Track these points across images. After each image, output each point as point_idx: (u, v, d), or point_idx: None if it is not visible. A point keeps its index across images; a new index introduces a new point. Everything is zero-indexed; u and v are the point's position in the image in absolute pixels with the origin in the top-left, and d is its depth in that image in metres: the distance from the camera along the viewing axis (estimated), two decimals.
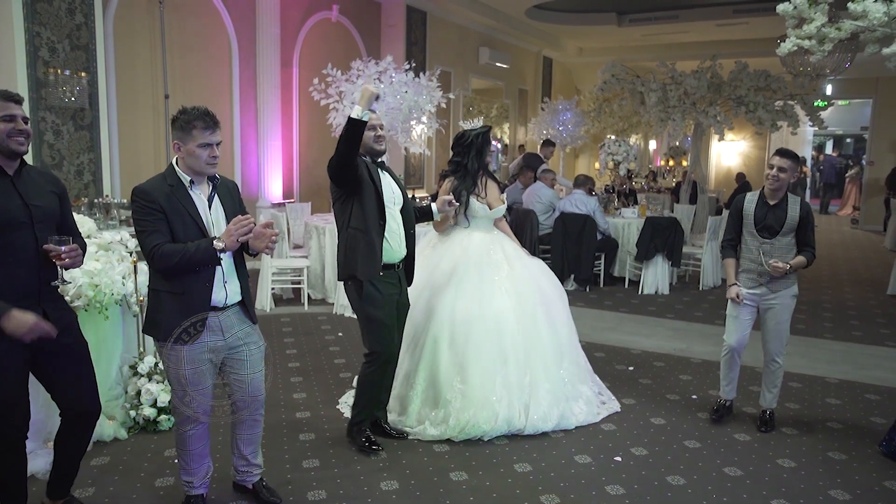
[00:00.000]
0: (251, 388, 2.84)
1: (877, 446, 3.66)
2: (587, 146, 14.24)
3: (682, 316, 6.56)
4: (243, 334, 2.78)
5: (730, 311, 3.94)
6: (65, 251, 2.43)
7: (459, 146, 3.93)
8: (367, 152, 3.39)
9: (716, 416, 4.01)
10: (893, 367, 5.03)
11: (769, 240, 3.74)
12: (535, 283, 3.98)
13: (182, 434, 2.82)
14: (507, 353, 3.72)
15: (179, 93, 7.00)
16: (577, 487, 3.21)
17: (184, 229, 2.58)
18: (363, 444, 3.50)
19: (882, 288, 7.92)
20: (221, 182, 2.78)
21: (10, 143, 2.41)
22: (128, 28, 6.54)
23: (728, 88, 9.44)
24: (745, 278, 3.84)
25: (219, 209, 2.72)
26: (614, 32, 12.81)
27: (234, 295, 2.73)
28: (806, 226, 3.74)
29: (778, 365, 3.86)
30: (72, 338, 2.64)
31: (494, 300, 3.78)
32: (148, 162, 6.88)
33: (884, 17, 4.23)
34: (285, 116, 8.41)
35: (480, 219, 3.95)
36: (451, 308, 3.75)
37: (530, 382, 3.76)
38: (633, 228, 7.85)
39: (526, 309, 3.84)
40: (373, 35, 9.81)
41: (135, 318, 3.74)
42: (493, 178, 4.03)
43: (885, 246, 11.59)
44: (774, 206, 3.74)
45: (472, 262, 3.85)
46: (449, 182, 3.94)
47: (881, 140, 14.38)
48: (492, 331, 3.72)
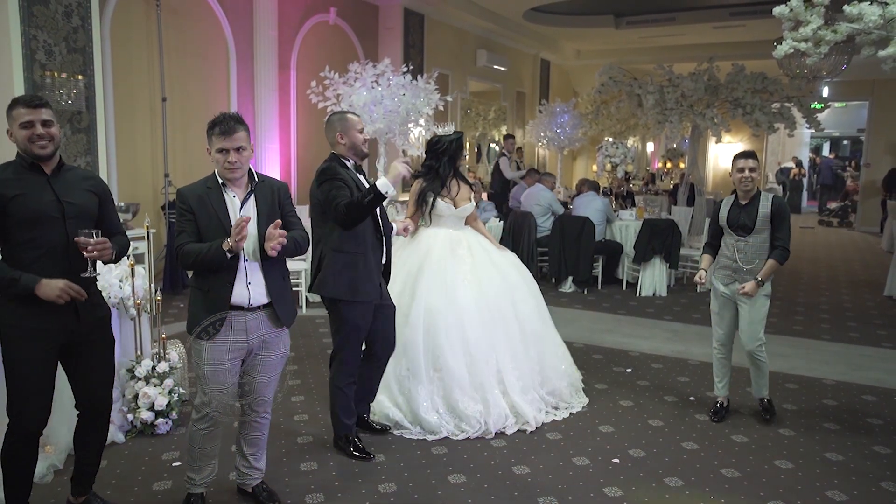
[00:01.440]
0: (259, 390, 2.86)
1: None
2: (585, 148, 14.26)
3: (680, 318, 6.57)
4: (269, 338, 2.80)
5: (712, 306, 4.11)
6: (92, 243, 2.47)
7: (434, 151, 4.07)
8: (356, 156, 3.42)
9: (716, 417, 4.05)
10: (890, 368, 5.04)
11: (744, 237, 3.89)
12: (501, 275, 4.11)
13: (195, 431, 2.83)
14: (470, 344, 3.83)
15: (177, 96, 6.99)
16: (574, 489, 3.21)
17: (210, 229, 2.66)
18: (352, 453, 3.49)
19: (879, 289, 7.94)
20: (264, 183, 2.81)
21: (33, 148, 2.50)
22: (125, 31, 6.54)
23: (725, 90, 9.45)
24: (722, 275, 3.99)
25: (251, 210, 2.74)
26: (611, 35, 12.83)
27: (260, 297, 2.74)
28: (781, 221, 3.84)
29: (761, 360, 3.98)
30: (101, 333, 2.72)
31: (458, 292, 3.90)
32: (146, 165, 6.88)
33: (879, 19, 4.25)
34: (283, 119, 8.42)
35: (447, 217, 4.09)
36: (424, 303, 3.85)
37: (497, 372, 3.88)
38: (631, 230, 7.87)
39: (489, 300, 3.96)
40: (370, 38, 9.82)
41: (132, 322, 3.73)
42: (464, 180, 4.17)
43: (882, 247, 11.61)
44: (747, 206, 3.90)
45: (435, 258, 3.98)
46: (418, 183, 4.10)
47: (878, 142, 14.41)
48: (454, 323, 3.82)
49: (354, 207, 3.17)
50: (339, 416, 3.50)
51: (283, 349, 2.88)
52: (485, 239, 4.30)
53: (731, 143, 16.39)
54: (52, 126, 2.53)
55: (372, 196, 3.16)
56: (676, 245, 7.53)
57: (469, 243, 4.14)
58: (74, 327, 2.58)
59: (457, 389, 3.77)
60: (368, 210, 3.21)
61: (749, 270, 3.87)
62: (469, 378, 3.80)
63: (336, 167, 3.33)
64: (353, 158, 3.42)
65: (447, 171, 4.05)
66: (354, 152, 3.41)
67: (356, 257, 3.33)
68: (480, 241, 4.23)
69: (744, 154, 3.90)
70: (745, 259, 3.89)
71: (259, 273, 2.74)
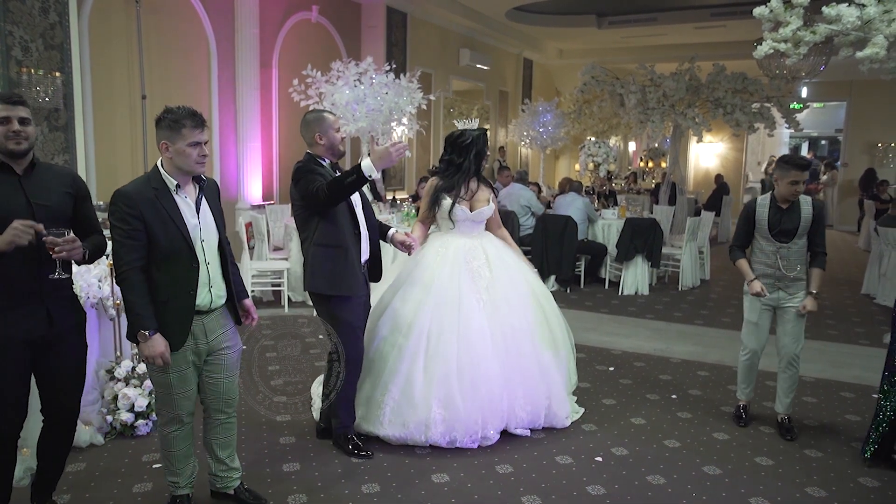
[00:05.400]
0: (225, 391, 2.83)
1: (859, 452, 3.64)
2: (567, 148, 14.32)
3: (662, 316, 6.62)
4: (225, 337, 2.78)
5: (749, 316, 3.86)
6: (60, 243, 2.40)
7: (457, 146, 3.75)
8: (334, 155, 3.35)
9: (742, 421, 3.96)
10: (867, 365, 5.11)
11: (786, 244, 3.69)
12: (519, 293, 3.77)
13: (166, 436, 2.80)
14: (481, 380, 3.53)
15: (157, 94, 6.91)
16: (558, 488, 3.22)
17: (167, 238, 2.55)
18: (351, 452, 3.47)
19: (857, 287, 8.05)
20: (207, 183, 2.75)
21: (8, 144, 2.44)
22: (103, 28, 6.44)
23: (706, 90, 9.54)
24: (762, 283, 3.76)
25: (207, 214, 2.70)
26: (594, 34, 12.89)
27: (220, 298, 2.73)
28: (819, 225, 3.70)
29: (796, 368, 3.81)
30: (73, 339, 2.65)
31: (472, 316, 3.58)
32: (125, 163, 6.79)
33: (857, 21, 4.31)
34: (265, 118, 8.35)
35: (462, 222, 3.76)
36: (428, 324, 3.55)
37: (508, 409, 3.65)
38: (614, 230, 7.91)
39: (505, 327, 3.64)
40: (353, 36, 9.77)
41: (111, 322, 3.68)
42: (484, 181, 3.84)
43: (859, 246, 11.79)
44: (788, 210, 3.69)
45: (447, 272, 3.65)
46: (433, 181, 3.81)
47: (855, 142, 14.63)
48: (465, 352, 3.52)
49: (335, 186, 3.08)
50: (340, 414, 3.47)
51: (240, 344, 2.87)
52: (506, 249, 3.89)
53: (712, 143, 16.56)
54: (28, 125, 2.49)
55: (354, 177, 3.05)
56: (658, 244, 7.58)
57: (487, 255, 3.75)
58: (47, 331, 2.53)
59: (460, 430, 3.49)
60: (350, 190, 3.10)
61: (793, 278, 3.71)
62: (475, 419, 3.51)
63: (312, 165, 3.27)
64: (331, 158, 3.36)
65: (472, 167, 3.74)
66: (332, 152, 3.35)
67: (337, 251, 3.26)
68: (500, 253, 3.82)
69: (801, 166, 3.63)
70: (788, 266, 3.69)
71: (220, 275, 2.73)
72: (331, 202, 3.15)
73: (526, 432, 3.75)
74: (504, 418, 3.65)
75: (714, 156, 16.90)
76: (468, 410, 3.49)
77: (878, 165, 14.01)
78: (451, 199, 3.74)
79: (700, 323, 6.40)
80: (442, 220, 3.82)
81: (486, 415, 3.56)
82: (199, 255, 2.63)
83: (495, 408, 3.59)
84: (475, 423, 3.52)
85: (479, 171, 3.82)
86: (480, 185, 3.81)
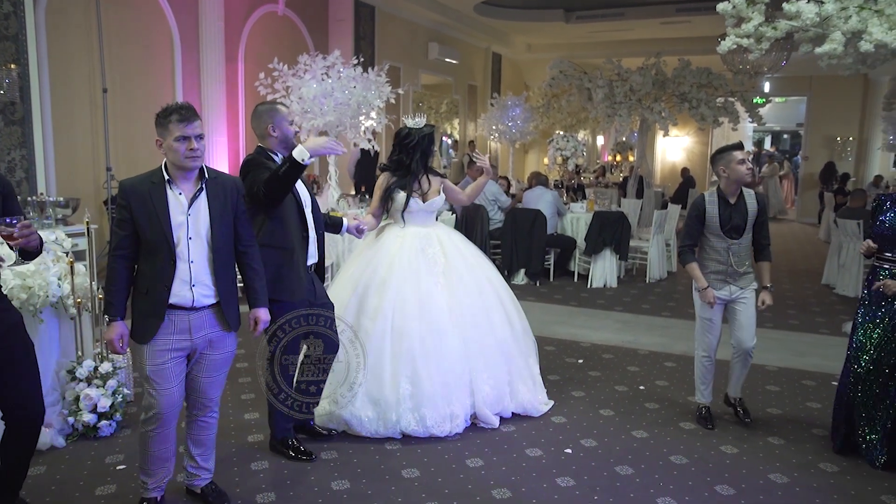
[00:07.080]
0: (203, 390, 2.79)
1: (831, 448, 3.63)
2: (536, 142, 14.39)
3: (630, 308, 6.70)
4: (215, 337, 2.73)
5: (702, 313, 3.83)
6: (17, 231, 2.33)
7: (404, 146, 3.84)
8: (287, 149, 3.20)
9: (710, 424, 3.87)
10: (828, 353, 5.24)
11: (737, 240, 3.69)
12: (474, 277, 3.91)
13: (144, 433, 2.75)
14: (444, 357, 3.65)
15: (118, 87, 6.74)
16: (528, 480, 3.24)
17: (151, 231, 2.57)
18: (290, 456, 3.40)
19: (817, 278, 8.25)
20: (216, 181, 2.69)
21: None
22: (61, 18, 6.26)
23: (672, 85, 9.68)
24: (713, 280, 3.73)
25: (202, 212, 2.63)
26: (562, 29, 12.96)
27: (205, 298, 2.67)
28: (763, 217, 3.73)
29: (752, 358, 3.85)
30: (16, 339, 2.55)
31: (432, 299, 3.71)
32: (85, 158, 6.62)
33: (815, 17, 4.40)
34: (231, 112, 8.22)
35: (416, 213, 3.87)
36: (392, 311, 3.65)
37: (469, 383, 3.74)
38: (582, 223, 7.98)
39: (464, 306, 3.78)
40: (320, 29, 9.66)
41: (72, 321, 3.60)
42: (434, 173, 3.96)
43: (820, 238, 12.08)
44: (735, 204, 3.69)
45: (405, 260, 3.77)
46: (385, 177, 3.88)
47: (815, 136, 14.95)
48: (428, 334, 3.64)
49: (271, 181, 3.01)
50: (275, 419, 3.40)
51: (229, 348, 2.81)
52: (456, 234, 4.10)
53: (679, 137, 16.79)
54: None
55: (287, 165, 2.99)
56: (626, 237, 7.67)
57: (441, 241, 3.90)
58: None
59: (428, 406, 3.60)
60: (287, 181, 3.02)
61: (743, 273, 3.71)
62: (441, 393, 3.62)
63: (261, 159, 3.19)
64: (283, 152, 3.23)
65: (419, 168, 3.84)
66: (285, 145, 3.24)
67: (283, 253, 3.17)
68: (452, 238, 4.01)
69: (738, 146, 3.67)
70: (738, 262, 3.69)
71: (208, 275, 2.67)
72: (271, 198, 3.07)
73: (495, 421, 3.78)
74: (469, 392, 3.74)
75: (680, 149, 17.14)
76: (434, 385, 3.62)
77: (836, 159, 14.35)
78: (404, 194, 3.84)
79: (667, 315, 6.50)
80: (395, 212, 3.91)
81: (452, 390, 3.67)
82: (179, 252, 2.59)
83: (459, 381, 3.70)
84: (442, 399, 3.63)
85: (427, 168, 3.92)
86: (430, 180, 3.93)
